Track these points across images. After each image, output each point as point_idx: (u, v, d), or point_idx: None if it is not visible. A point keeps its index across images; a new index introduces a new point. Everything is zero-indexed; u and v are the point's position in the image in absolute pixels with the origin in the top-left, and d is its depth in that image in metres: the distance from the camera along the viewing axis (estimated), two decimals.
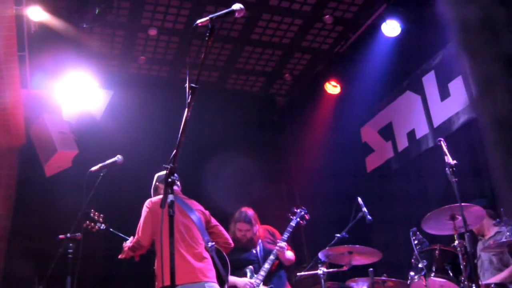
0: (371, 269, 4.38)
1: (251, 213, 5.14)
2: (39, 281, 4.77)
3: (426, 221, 4.18)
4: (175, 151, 2.46)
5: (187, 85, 2.48)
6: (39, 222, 6.34)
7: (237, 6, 2.60)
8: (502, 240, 4.14)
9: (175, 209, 2.45)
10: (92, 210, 4.62)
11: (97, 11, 5.60)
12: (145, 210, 4.14)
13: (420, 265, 4.18)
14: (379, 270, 4.71)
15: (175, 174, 2.47)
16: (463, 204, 3.78)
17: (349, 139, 7.54)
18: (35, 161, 6.38)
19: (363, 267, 4.59)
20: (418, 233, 4.31)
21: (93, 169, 4.29)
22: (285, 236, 5.07)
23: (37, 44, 5.85)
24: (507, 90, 0.71)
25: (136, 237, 4.13)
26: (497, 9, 0.71)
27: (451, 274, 4.15)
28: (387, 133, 7.00)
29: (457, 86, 5.78)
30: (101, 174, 4.29)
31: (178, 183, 4.30)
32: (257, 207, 5.46)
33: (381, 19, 6.46)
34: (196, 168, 6.92)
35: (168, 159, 2.47)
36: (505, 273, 4.21)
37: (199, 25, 2.54)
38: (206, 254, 4.11)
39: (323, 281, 4.53)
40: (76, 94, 6.51)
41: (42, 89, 6.30)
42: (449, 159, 3.90)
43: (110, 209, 4.98)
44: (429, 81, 6.28)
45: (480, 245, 4.64)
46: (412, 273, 4.29)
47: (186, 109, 2.46)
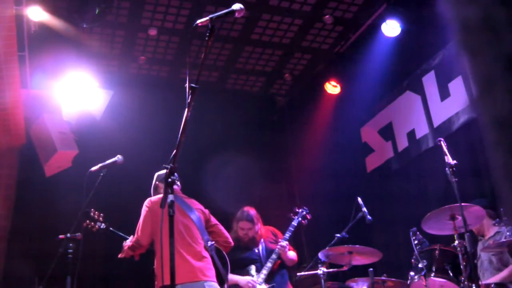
0: (371, 269, 4.38)
1: (253, 212, 5.19)
2: (39, 281, 4.76)
3: (426, 221, 4.18)
4: (175, 151, 2.46)
5: (187, 85, 2.48)
6: (39, 222, 6.34)
7: (237, 6, 2.60)
8: (501, 240, 4.14)
9: (174, 209, 2.46)
10: (92, 209, 4.62)
11: (97, 11, 5.60)
12: (144, 209, 4.14)
13: (420, 265, 4.18)
14: (379, 270, 4.71)
15: (175, 173, 2.47)
16: (463, 204, 3.78)
17: (349, 139, 7.54)
18: (35, 161, 6.38)
19: (363, 267, 4.59)
20: (418, 233, 4.31)
21: (93, 169, 4.30)
22: (287, 235, 5.11)
23: (37, 44, 5.85)
24: (508, 90, 0.72)
25: (135, 236, 4.13)
26: (498, 9, 0.71)
27: (451, 274, 4.15)
28: (387, 133, 7.00)
29: (457, 86, 5.77)
30: (101, 174, 4.30)
31: (178, 183, 4.30)
32: (257, 207, 5.47)
33: (381, 19, 6.46)
34: (196, 168, 6.92)
35: (168, 159, 2.47)
36: (505, 273, 4.21)
37: (199, 25, 2.54)
38: (205, 253, 4.11)
39: (323, 281, 4.53)
40: (76, 94, 6.51)
41: (42, 89, 6.30)
42: (449, 159, 3.90)
43: (110, 209, 4.98)
44: (429, 81, 6.28)
45: (480, 245, 4.64)
46: (412, 273, 4.29)
47: (186, 109, 2.46)
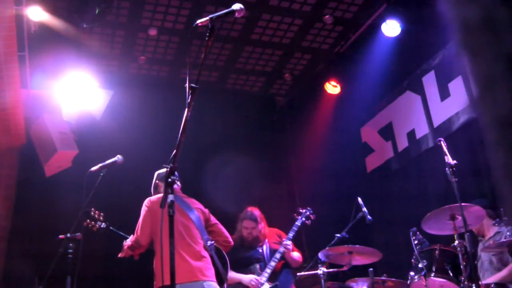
0: (371, 269, 4.38)
1: (257, 212, 5.27)
2: (39, 281, 4.76)
3: (426, 221, 4.18)
4: (175, 151, 2.46)
5: (187, 85, 2.49)
6: (39, 222, 6.34)
7: (237, 6, 2.60)
8: (501, 240, 4.14)
9: (174, 209, 2.45)
10: (92, 208, 4.62)
11: (97, 11, 5.60)
12: (144, 209, 4.14)
13: (420, 265, 4.18)
14: (379, 270, 4.71)
15: (176, 173, 2.47)
16: (463, 204, 3.78)
17: (349, 139, 7.54)
18: (35, 161, 6.37)
19: (363, 267, 4.59)
20: (418, 233, 4.31)
21: (93, 169, 4.29)
22: (290, 235, 5.16)
23: (37, 44, 5.85)
24: (508, 89, 0.71)
25: (135, 236, 4.13)
26: (498, 9, 0.71)
27: (451, 274, 4.15)
28: (387, 133, 7.00)
29: (457, 86, 5.77)
30: (101, 174, 4.29)
31: (178, 182, 4.30)
32: (257, 207, 5.47)
33: (381, 19, 6.46)
34: (196, 168, 6.92)
35: (168, 159, 2.47)
36: (504, 272, 4.21)
37: (199, 25, 2.54)
38: (205, 253, 4.11)
39: (323, 281, 4.53)
40: (76, 94, 6.50)
41: (42, 89, 6.30)
42: (449, 159, 3.90)
43: (110, 209, 4.97)
44: (429, 81, 6.28)
45: (480, 246, 4.63)
46: (412, 273, 4.29)
47: (186, 109, 2.46)
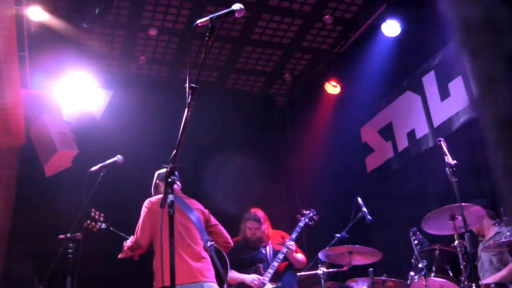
0: (371, 269, 4.38)
1: (260, 213, 5.31)
2: (39, 281, 4.77)
3: (426, 221, 4.18)
4: (175, 151, 2.46)
5: (187, 85, 2.48)
6: (39, 222, 6.34)
7: (237, 6, 2.60)
8: (501, 240, 4.14)
9: (174, 209, 2.45)
10: (92, 209, 4.62)
11: (97, 11, 5.60)
12: (144, 210, 4.14)
13: (420, 265, 4.18)
14: (379, 270, 4.70)
15: (176, 173, 2.47)
16: (463, 204, 3.78)
17: (349, 139, 7.54)
18: (35, 161, 6.37)
19: (363, 267, 4.59)
20: (418, 233, 4.31)
21: (93, 169, 4.29)
22: (293, 235, 5.19)
23: (37, 44, 5.84)
24: (508, 89, 0.71)
25: (134, 237, 4.13)
26: (499, 9, 0.71)
27: (451, 274, 4.15)
28: (387, 133, 7.00)
29: (457, 86, 5.77)
30: (101, 174, 4.29)
31: (178, 183, 4.30)
32: (257, 207, 5.47)
33: (381, 19, 6.46)
34: (196, 168, 6.92)
35: (168, 159, 2.47)
36: (504, 272, 4.21)
37: (199, 25, 2.54)
38: (204, 254, 4.11)
39: (323, 281, 4.53)
40: (76, 94, 6.50)
41: (42, 89, 6.30)
42: (449, 159, 3.90)
43: (110, 209, 4.97)
44: (429, 81, 6.28)
45: (480, 246, 4.63)
46: (412, 273, 4.29)
47: (186, 109, 2.46)
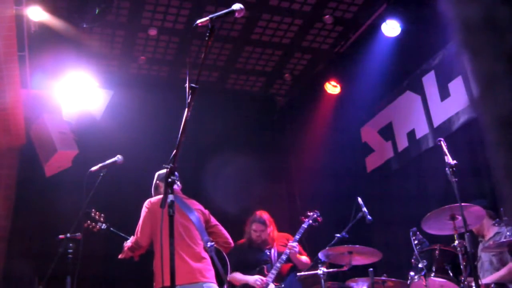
0: (371, 269, 4.38)
1: (266, 215, 5.34)
2: (39, 281, 4.77)
3: (426, 221, 4.18)
4: (175, 151, 2.46)
5: (187, 85, 2.48)
6: (39, 222, 6.33)
7: (237, 6, 2.60)
8: (501, 240, 4.14)
9: (174, 209, 2.45)
10: (93, 210, 4.62)
11: (97, 11, 5.60)
12: (144, 210, 4.14)
13: (420, 265, 4.18)
14: (379, 270, 4.70)
15: (176, 173, 2.46)
16: (463, 204, 3.77)
17: (349, 139, 7.54)
18: (35, 161, 6.37)
19: (363, 267, 4.59)
20: (418, 233, 4.31)
21: (93, 169, 4.29)
22: (297, 237, 5.23)
23: (37, 44, 5.84)
24: (509, 89, 0.71)
25: (135, 237, 4.13)
26: (499, 8, 0.71)
27: (451, 274, 4.15)
28: (387, 133, 7.00)
29: (457, 86, 5.77)
30: (101, 174, 4.29)
31: (178, 183, 4.30)
32: (257, 207, 5.48)
33: (381, 19, 6.46)
34: (196, 168, 6.92)
35: (168, 159, 2.47)
36: (503, 271, 4.21)
37: (199, 25, 2.54)
38: (205, 254, 4.10)
39: (323, 281, 4.53)
40: (76, 94, 6.50)
41: (42, 89, 6.30)
42: (449, 159, 3.90)
43: (110, 209, 4.97)
44: (429, 81, 6.28)
45: (480, 247, 4.63)
46: (412, 273, 4.29)
47: (186, 109, 2.46)
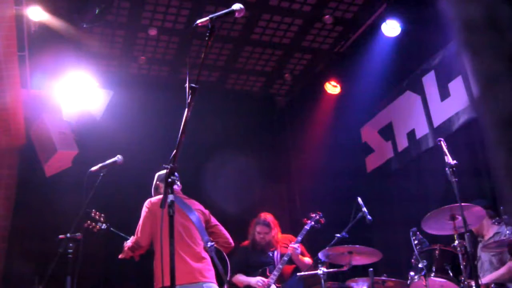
0: (371, 269, 4.38)
1: (270, 218, 5.39)
2: (39, 281, 4.76)
3: (426, 221, 4.18)
4: (175, 151, 2.46)
5: (187, 85, 2.48)
6: (39, 222, 6.33)
7: (237, 6, 2.60)
8: (501, 239, 4.14)
9: (174, 209, 2.45)
10: (93, 210, 4.62)
11: (97, 11, 5.60)
12: (144, 210, 4.15)
13: (420, 265, 4.18)
14: (379, 270, 4.70)
15: (176, 173, 2.47)
16: (463, 204, 3.77)
17: (349, 139, 7.53)
18: (35, 161, 6.37)
19: (363, 267, 4.59)
20: (418, 233, 4.31)
21: (93, 169, 4.28)
22: (299, 238, 5.27)
23: (37, 44, 5.84)
24: (510, 89, 0.71)
25: (135, 237, 4.14)
26: (500, 7, 0.71)
27: (451, 274, 4.15)
28: (387, 133, 6.99)
29: (457, 86, 5.77)
30: (101, 174, 4.28)
31: (178, 183, 4.30)
32: (257, 207, 5.48)
33: (381, 19, 6.46)
34: (196, 168, 6.92)
35: (168, 159, 2.47)
36: (502, 270, 4.21)
37: (199, 25, 2.54)
38: (205, 254, 4.11)
39: (323, 281, 4.53)
40: (76, 94, 6.50)
41: (42, 89, 6.29)
42: (449, 159, 3.90)
43: (110, 209, 4.98)
44: (429, 81, 6.28)
45: (480, 247, 4.63)
46: (412, 273, 4.29)
47: (186, 109, 2.46)
